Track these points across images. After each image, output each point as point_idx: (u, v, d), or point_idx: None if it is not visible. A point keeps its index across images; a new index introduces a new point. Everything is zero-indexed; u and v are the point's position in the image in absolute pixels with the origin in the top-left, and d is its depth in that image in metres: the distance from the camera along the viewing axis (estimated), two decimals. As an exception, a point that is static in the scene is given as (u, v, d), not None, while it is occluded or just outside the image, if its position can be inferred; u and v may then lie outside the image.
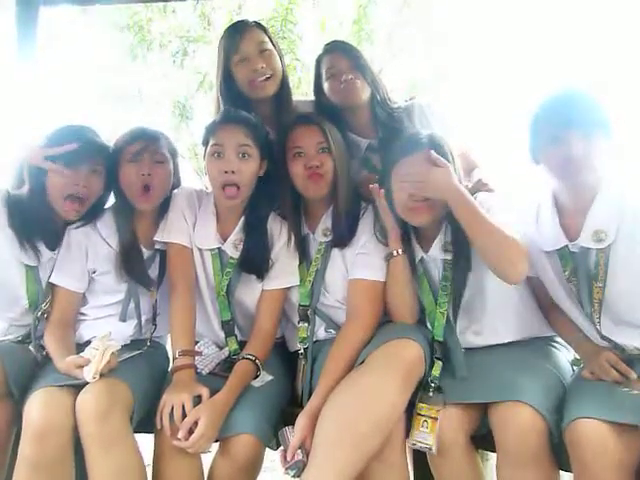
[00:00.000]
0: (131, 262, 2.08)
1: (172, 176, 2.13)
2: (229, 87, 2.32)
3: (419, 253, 1.98)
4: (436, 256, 1.95)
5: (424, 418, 1.77)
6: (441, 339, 1.90)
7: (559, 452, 1.67)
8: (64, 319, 2.07)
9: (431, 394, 1.81)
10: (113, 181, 2.10)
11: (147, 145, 2.06)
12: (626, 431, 1.58)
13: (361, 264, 2.01)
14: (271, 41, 2.34)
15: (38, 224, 2.07)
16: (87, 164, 2.04)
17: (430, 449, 1.74)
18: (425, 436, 1.75)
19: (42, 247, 2.08)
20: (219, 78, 2.36)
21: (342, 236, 2.04)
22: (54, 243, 2.10)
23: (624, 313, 1.80)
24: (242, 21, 2.43)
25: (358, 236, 2.04)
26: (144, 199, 2.06)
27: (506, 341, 1.95)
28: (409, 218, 1.92)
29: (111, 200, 2.20)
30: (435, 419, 1.76)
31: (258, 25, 2.37)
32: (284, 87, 2.36)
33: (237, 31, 2.33)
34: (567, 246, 1.84)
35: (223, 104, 2.33)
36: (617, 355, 1.78)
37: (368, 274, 1.99)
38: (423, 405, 1.79)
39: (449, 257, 1.92)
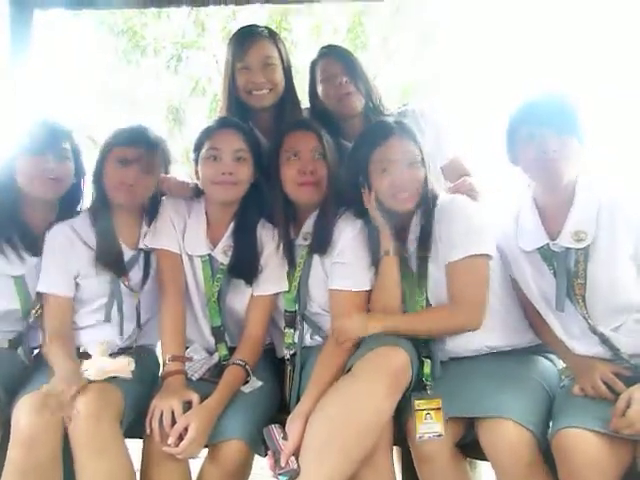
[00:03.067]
0: (108, 254, 2.05)
1: (155, 185, 2.10)
2: (232, 90, 2.33)
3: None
4: (410, 251, 1.96)
5: (426, 411, 1.76)
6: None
7: (552, 463, 1.66)
8: (61, 328, 2.01)
9: (429, 392, 1.81)
10: (97, 179, 2.08)
11: (141, 154, 2.03)
12: (612, 441, 1.58)
13: (339, 274, 1.99)
14: (280, 53, 2.32)
15: (14, 229, 2.04)
16: (53, 149, 2.02)
17: (440, 435, 1.73)
18: (431, 425, 1.75)
19: (24, 254, 2.04)
20: (225, 81, 2.36)
21: (320, 242, 2.02)
22: (36, 248, 2.06)
23: (604, 309, 1.80)
24: (254, 28, 2.38)
25: (334, 242, 2.01)
26: (121, 196, 2.04)
27: (489, 344, 1.94)
28: (394, 206, 1.92)
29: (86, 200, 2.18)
30: (438, 409, 1.75)
31: (270, 35, 2.35)
32: (286, 99, 2.34)
33: (246, 38, 2.32)
34: (548, 245, 1.86)
35: (227, 109, 2.34)
36: (611, 368, 1.77)
37: (348, 284, 1.97)
38: (420, 402, 1.78)
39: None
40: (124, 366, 1.87)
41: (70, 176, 2.09)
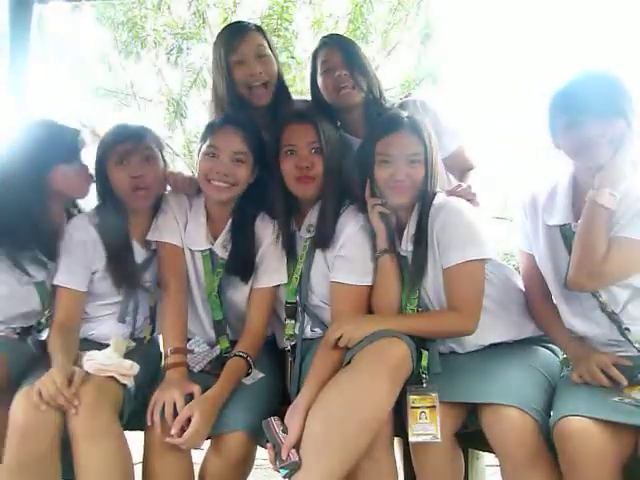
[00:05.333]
0: (121, 263, 2.05)
1: (162, 173, 2.10)
2: (232, 88, 2.30)
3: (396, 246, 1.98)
4: (407, 249, 1.96)
5: (420, 410, 1.76)
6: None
7: (554, 451, 1.67)
8: (69, 321, 2.01)
9: (424, 385, 1.81)
10: (101, 181, 2.07)
11: (134, 146, 2.02)
12: (613, 430, 1.59)
13: (341, 267, 1.98)
14: (269, 46, 2.32)
15: (35, 238, 2.01)
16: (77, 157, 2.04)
17: (435, 437, 1.73)
18: (426, 427, 1.74)
19: (44, 259, 2.03)
20: (220, 78, 2.32)
21: (323, 236, 2.01)
22: (53, 252, 2.04)
23: (617, 290, 1.79)
24: (241, 22, 2.42)
25: (337, 236, 2.00)
26: (137, 197, 2.04)
27: (489, 341, 1.94)
28: (390, 197, 1.92)
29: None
30: (433, 407, 1.75)
31: (257, 29, 2.35)
32: (280, 93, 2.33)
33: (236, 32, 2.31)
34: (570, 225, 1.85)
35: (226, 104, 2.31)
36: (609, 357, 1.77)
37: (350, 278, 1.96)
38: (415, 397, 1.77)
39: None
40: (126, 370, 1.86)
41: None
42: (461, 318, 1.86)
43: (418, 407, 1.76)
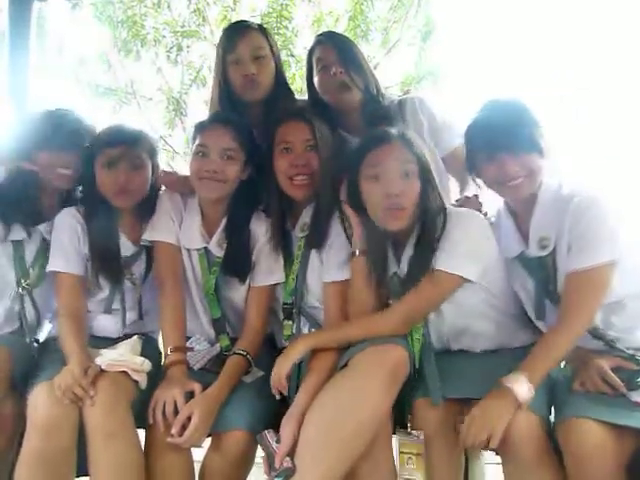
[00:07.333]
0: (106, 254, 2.06)
1: (149, 179, 2.10)
2: (225, 86, 2.31)
3: (393, 267, 1.91)
4: (404, 270, 1.89)
5: (408, 455, 1.76)
6: (416, 365, 1.85)
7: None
8: (74, 308, 2.00)
9: (409, 430, 1.79)
10: (87, 177, 2.08)
11: (124, 152, 2.03)
12: (616, 430, 1.59)
13: (330, 266, 1.98)
14: (270, 47, 2.31)
15: (21, 203, 2.05)
16: (73, 149, 2.04)
17: None
18: (412, 472, 1.75)
19: (26, 220, 2.06)
20: (217, 76, 2.35)
21: (317, 236, 2.00)
22: (37, 219, 2.08)
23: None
24: (244, 22, 2.43)
25: (329, 236, 2.00)
26: (118, 199, 2.06)
27: (486, 347, 1.93)
28: (385, 222, 1.81)
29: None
30: (419, 455, 1.75)
31: (260, 29, 2.35)
32: (278, 94, 2.33)
33: (236, 31, 2.32)
34: (524, 252, 1.84)
35: (219, 102, 2.32)
36: (609, 360, 1.74)
37: (338, 275, 1.95)
38: (404, 442, 1.77)
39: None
40: (138, 366, 1.87)
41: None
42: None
43: (406, 452, 1.76)
